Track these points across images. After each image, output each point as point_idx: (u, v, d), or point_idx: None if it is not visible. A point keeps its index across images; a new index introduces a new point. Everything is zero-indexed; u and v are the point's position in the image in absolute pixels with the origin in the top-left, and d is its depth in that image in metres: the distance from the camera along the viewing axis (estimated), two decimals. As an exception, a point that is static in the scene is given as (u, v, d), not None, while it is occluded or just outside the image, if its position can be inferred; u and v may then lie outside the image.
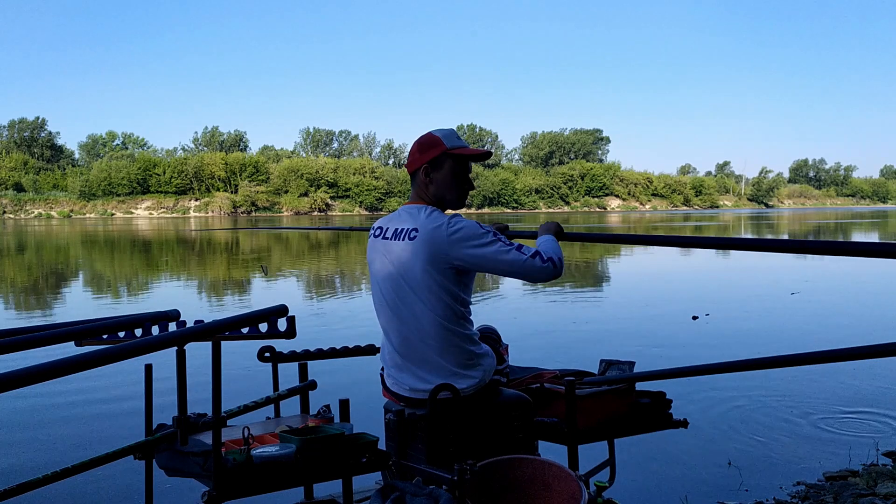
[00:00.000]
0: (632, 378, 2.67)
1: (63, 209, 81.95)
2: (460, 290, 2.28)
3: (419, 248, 2.23)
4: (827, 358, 2.17)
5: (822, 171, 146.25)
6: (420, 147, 2.39)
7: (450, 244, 2.20)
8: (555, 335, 7.44)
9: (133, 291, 12.89)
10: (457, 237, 2.21)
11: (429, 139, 2.38)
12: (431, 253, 2.22)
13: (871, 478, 3.48)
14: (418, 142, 2.41)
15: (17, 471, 3.81)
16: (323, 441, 2.05)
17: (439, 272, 2.22)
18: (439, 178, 2.36)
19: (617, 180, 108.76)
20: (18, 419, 4.85)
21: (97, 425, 4.70)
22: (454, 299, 2.26)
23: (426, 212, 2.31)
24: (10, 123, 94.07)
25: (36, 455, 4.12)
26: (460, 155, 2.36)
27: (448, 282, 2.24)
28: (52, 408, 5.10)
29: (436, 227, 2.23)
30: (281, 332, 2.45)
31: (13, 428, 4.67)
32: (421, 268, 2.23)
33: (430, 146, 2.37)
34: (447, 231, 2.21)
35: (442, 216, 2.28)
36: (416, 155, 2.39)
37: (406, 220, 2.33)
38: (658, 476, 3.71)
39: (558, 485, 2.13)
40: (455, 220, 2.25)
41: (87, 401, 5.27)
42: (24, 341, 2.07)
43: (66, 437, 4.45)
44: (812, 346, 6.83)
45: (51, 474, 1.95)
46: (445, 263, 2.22)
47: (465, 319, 2.31)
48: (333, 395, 2.54)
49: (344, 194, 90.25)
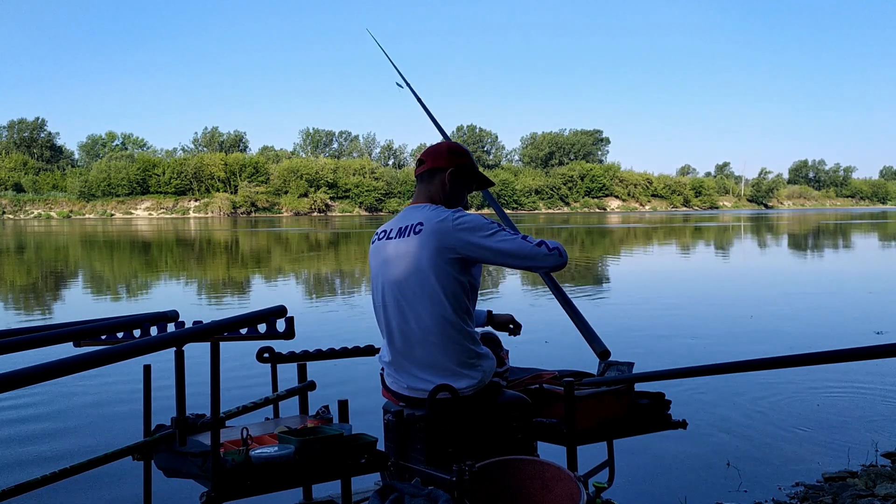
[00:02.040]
0: (631, 379, 2.67)
1: (62, 210, 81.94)
2: (467, 283, 2.29)
3: (425, 240, 2.24)
4: (826, 359, 2.18)
5: (821, 172, 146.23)
6: (452, 149, 2.44)
7: (456, 233, 2.22)
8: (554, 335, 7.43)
9: (132, 292, 12.88)
10: (463, 227, 2.23)
11: (461, 148, 2.46)
12: (438, 243, 2.23)
13: (870, 479, 3.48)
14: (448, 145, 2.46)
15: (15, 471, 3.80)
16: (322, 442, 2.05)
17: (446, 263, 2.23)
18: (457, 186, 2.43)
19: (617, 181, 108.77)
20: (17, 419, 4.84)
21: (95, 426, 4.69)
22: (460, 292, 2.27)
23: (430, 207, 2.34)
24: (9, 124, 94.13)
25: (34, 456, 4.11)
26: (476, 177, 2.48)
27: (455, 273, 2.24)
28: (51, 408, 5.10)
29: (441, 218, 2.26)
30: (280, 333, 2.45)
31: (11, 429, 4.66)
32: (428, 259, 2.23)
33: (461, 154, 2.45)
34: (453, 222, 2.24)
35: (446, 210, 2.31)
36: (444, 155, 2.42)
37: (410, 218, 2.34)
38: (657, 477, 3.71)
39: (557, 485, 2.13)
40: (459, 211, 2.29)
41: (86, 401, 5.26)
42: (22, 342, 2.07)
43: (65, 438, 4.45)
44: (811, 346, 6.84)
45: (49, 475, 1.95)
46: (452, 253, 2.23)
47: (468, 315, 2.31)
48: (332, 396, 2.54)
49: (344, 195, 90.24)
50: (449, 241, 2.22)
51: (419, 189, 2.45)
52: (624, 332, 7.82)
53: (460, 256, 2.23)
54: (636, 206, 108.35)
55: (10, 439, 4.44)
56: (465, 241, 2.22)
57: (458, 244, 2.22)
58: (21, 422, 4.80)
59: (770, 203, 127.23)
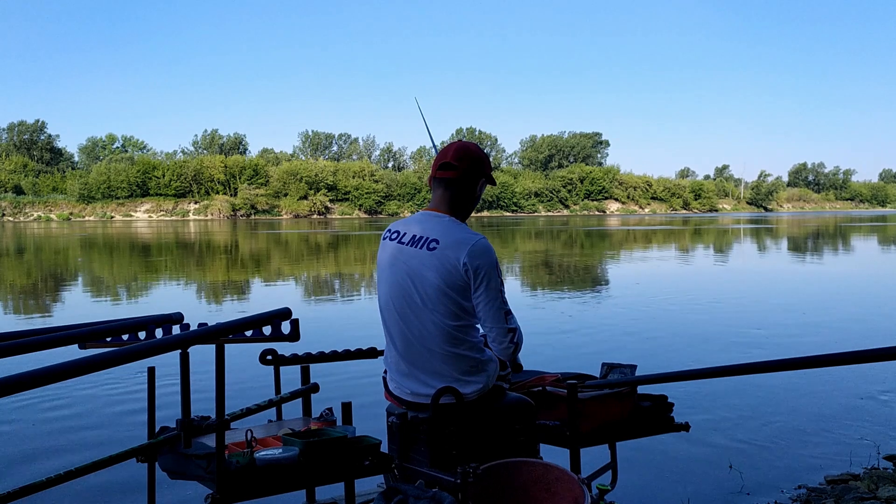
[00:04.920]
0: (634, 381, 2.68)
1: (62, 212, 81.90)
2: (470, 305, 2.28)
3: (438, 259, 2.23)
4: (828, 361, 2.18)
5: (821, 175, 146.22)
6: (486, 159, 2.41)
7: (471, 257, 2.21)
8: (556, 338, 7.43)
9: (135, 294, 12.88)
10: (478, 252, 2.22)
11: (487, 156, 2.42)
12: (450, 264, 2.22)
13: (872, 481, 3.49)
14: (482, 153, 2.41)
15: (20, 474, 3.80)
16: (326, 444, 2.05)
17: (452, 285, 2.23)
18: (479, 194, 2.42)
19: (616, 184, 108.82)
20: (21, 422, 4.84)
21: (100, 428, 4.69)
22: (463, 311, 2.26)
23: (450, 222, 2.31)
24: (9, 126, 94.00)
25: (39, 458, 4.11)
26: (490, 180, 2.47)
27: (459, 297, 2.24)
28: (56, 411, 5.10)
29: (459, 238, 2.25)
30: (285, 335, 2.45)
31: (16, 431, 4.66)
32: (436, 277, 2.23)
33: (488, 163, 2.42)
34: (471, 244, 2.23)
35: (466, 229, 2.30)
36: (479, 163, 2.37)
37: (427, 228, 2.31)
38: (660, 479, 3.71)
39: (560, 488, 2.13)
40: (479, 235, 2.27)
41: (90, 404, 5.26)
42: (27, 344, 2.08)
43: (70, 440, 4.45)
44: (813, 349, 6.84)
45: (54, 477, 1.95)
46: (461, 276, 2.22)
47: (472, 328, 2.31)
48: (336, 398, 2.55)
49: (343, 197, 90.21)
50: (460, 264, 2.21)
51: (441, 195, 2.37)
52: (626, 335, 7.83)
53: (469, 280, 2.23)
54: (635, 208, 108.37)
55: (15, 441, 4.44)
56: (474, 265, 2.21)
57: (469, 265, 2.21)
58: (25, 424, 4.80)
59: (769, 206, 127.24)
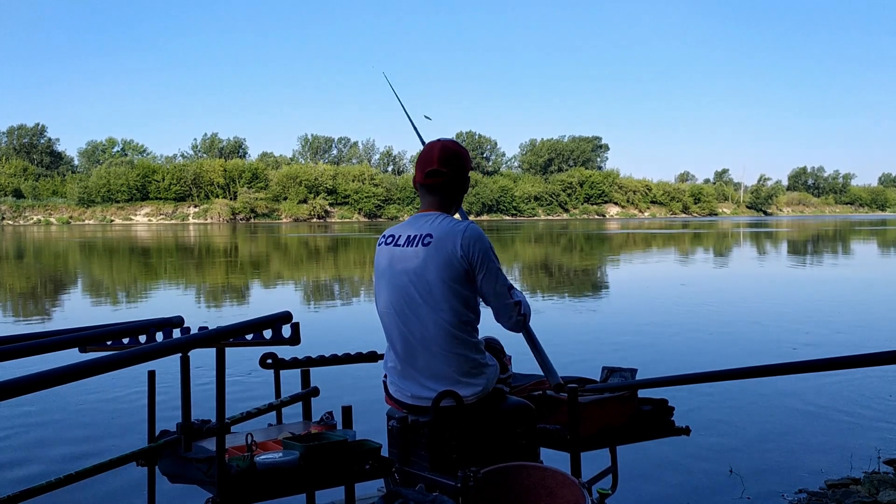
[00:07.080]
0: (634, 385, 2.67)
1: (62, 215, 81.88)
2: (471, 295, 2.30)
3: (433, 252, 2.25)
4: (828, 365, 2.18)
5: (820, 179, 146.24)
6: (467, 153, 2.43)
7: (464, 243, 2.23)
8: (557, 342, 7.43)
9: (136, 298, 12.88)
10: (470, 238, 2.25)
11: (462, 147, 2.44)
12: (446, 255, 2.24)
13: (872, 485, 3.48)
14: (462, 150, 2.42)
15: (19, 478, 3.79)
16: (326, 448, 2.05)
17: (452, 275, 2.24)
18: (467, 184, 2.45)
19: (616, 188, 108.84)
20: (22, 425, 4.84)
21: (100, 432, 4.68)
22: (464, 306, 2.27)
23: (441, 217, 2.34)
24: (9, 130, 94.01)
25: (39, 462, 4.11)
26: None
27: (460, 286, 2.25)
28: (55, 414, 5.09)
29: (451, 228, 2.27)
30: (285, 339, 2.45)
31: (16, 434, 4.66)
32: (435, 271, 2.24)
33: (468, 155, 2.44)
34: (463, 232, 2.25)
35: (455, 220, 2.33)
36: (464, 162, 2.40)
37: (419, 227, 2.33)
38: (660, 483, 3.70)
39: (561, 492, 2.13)
40: (470, 222, 2.31)
41: (90, 407, 5.25)
42: (28, 348, 2.07)
43: (69, 444, 4.44)
44: (813, 353, 6.84)
45: (54, 481, 1.95)
46: (459, 264, 2.24)
47: (472, 327, 2.32)
48: (336, 402, 2.54)
49: (343, 201, 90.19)
50: (456, 252, 2.23)
51: (431, 200, 2.39)
52: (626, 339, 7.82)
53: (465, 267, 2.24)
54: (635, 212, 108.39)
55: (15, 445, 4.43)
56: (471, 251, 2.24)
57: (465, 253, 2.23)
58: (25, 428, 4.80)
59: (769, 210, 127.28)
